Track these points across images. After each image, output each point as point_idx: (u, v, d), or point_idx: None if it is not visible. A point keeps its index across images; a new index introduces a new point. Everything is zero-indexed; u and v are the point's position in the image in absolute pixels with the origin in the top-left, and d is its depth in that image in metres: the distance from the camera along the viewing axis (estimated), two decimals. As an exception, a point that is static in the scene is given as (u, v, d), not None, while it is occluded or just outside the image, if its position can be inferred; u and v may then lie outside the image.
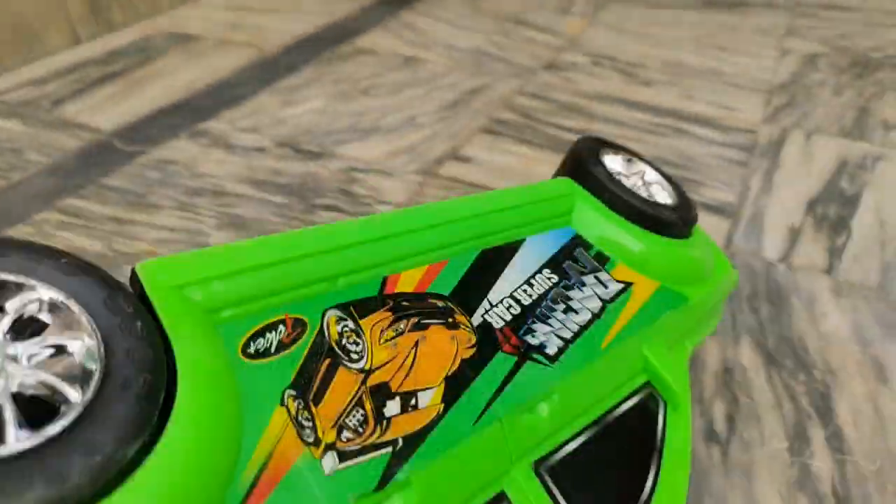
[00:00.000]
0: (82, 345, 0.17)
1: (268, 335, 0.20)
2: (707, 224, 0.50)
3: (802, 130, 0.64)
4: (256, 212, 0.50)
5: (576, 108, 0.67)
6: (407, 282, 0.24)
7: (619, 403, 0.28)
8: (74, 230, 0.48)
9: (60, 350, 0.17)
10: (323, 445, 0.19)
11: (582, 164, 0.33)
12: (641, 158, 0.36)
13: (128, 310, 0.17)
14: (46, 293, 0.17)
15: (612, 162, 0.34)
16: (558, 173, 0.34)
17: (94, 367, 0.16)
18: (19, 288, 0.17)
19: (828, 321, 0.42)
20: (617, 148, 0.35)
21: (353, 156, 0.57)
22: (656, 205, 0.32)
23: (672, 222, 0.32)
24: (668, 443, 0.28)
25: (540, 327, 0.26)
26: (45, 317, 0.17)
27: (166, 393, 0.17)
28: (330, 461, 0.19)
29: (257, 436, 0.18)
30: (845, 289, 0.45)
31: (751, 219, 0.51)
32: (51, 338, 0.17)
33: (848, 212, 0.52)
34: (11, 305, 0.17)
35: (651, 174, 0.35)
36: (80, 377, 0.16)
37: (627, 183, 0.34)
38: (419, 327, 0.23)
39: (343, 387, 0.20)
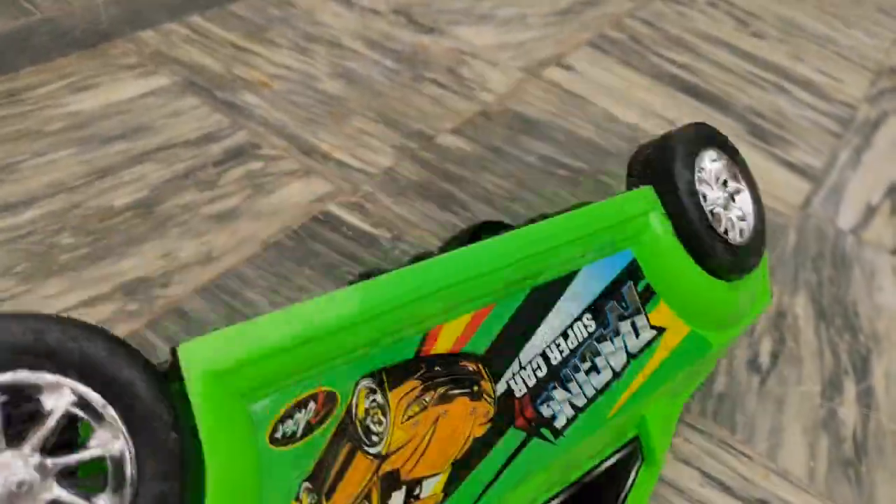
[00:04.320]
0: (115, 452, 0.17)
1: (297, 415, 0.19)
2: (790, 183, 0.52)
3: (901, 117, 0.64)
4: (367, 70, 0.52)
5: (683, 43, 0.67)
6: (446, 337, 0.23)
7: (602, 461, 0.28)
8: (197, 46, 0.50)
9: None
10: None
11: (669, 162, 0.29)
12: (744, 173, 0.32)
13: (166, 417, 0.17)
14: (81, 393, 0.16)
15: (711, 163, 0.30)
16: (647, 153, 0.30)
17: (126, 480, 0.16)
18: (54, 389, 0.16)
19: (883, 295, 0.44)
20: (726, 148, 0.31)
21: (464, 38, 0.59)
22: (724, 245, 0.29)
23: (733, 267, 0.29)
24: (629, 502, 0.29)
25: (558, 394, 0.26)
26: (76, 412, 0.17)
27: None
28: None
29: None
30: (907, 271, 0.46)
31: (832, 187, 0.52)
32: (86, 453, 0.16)
33: (927, 203, 0.53)
34: (49, 415, 0.16)
35: (743, 192, 0.31)
36: (107, 481, 0.17)
37: (710, 196, 0.30)
38: (444, 399, 0.23)
39: (356, 476, 0.21)
